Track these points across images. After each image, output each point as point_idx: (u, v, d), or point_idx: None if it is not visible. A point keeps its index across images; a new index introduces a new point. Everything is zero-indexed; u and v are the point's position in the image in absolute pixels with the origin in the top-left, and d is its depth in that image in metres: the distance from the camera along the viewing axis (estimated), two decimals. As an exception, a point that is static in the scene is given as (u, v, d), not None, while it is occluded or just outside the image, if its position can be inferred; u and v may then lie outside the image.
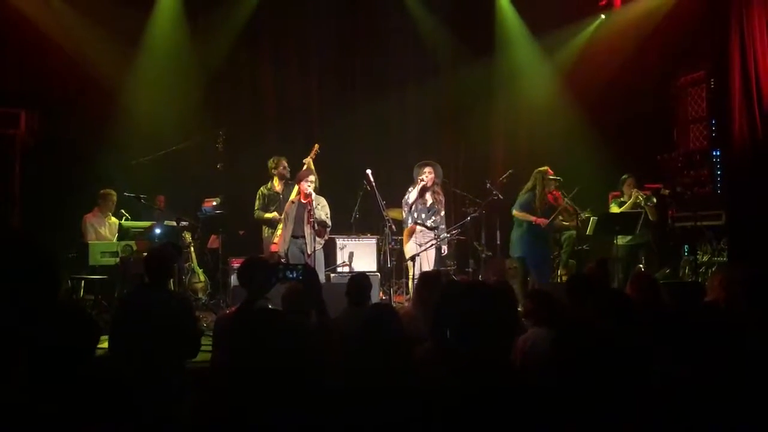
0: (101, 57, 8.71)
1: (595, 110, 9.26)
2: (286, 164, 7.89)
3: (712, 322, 2.40)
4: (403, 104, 10.49)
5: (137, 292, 4.30)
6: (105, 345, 5.55)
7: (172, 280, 5.18)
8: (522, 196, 7.70)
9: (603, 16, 9.74)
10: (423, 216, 7.50)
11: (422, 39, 10.13)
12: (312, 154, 7.75)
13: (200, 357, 4.40)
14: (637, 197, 7.90)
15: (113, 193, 7.86)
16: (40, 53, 8.43)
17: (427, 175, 7.47)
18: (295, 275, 3.03)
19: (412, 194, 7.46)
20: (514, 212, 7.68)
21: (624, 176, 8.13)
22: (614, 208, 8.08)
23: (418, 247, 7.37)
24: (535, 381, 2.16)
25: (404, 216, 7.56)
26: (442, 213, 7.66)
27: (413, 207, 7.48)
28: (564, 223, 8.40)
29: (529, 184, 7.70)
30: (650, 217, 7.81)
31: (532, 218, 7.53)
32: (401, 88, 10.46)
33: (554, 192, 7.72)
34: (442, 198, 7.69)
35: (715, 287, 3.81)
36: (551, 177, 7.59)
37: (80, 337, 2.39)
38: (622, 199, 8.12)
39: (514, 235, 7.75)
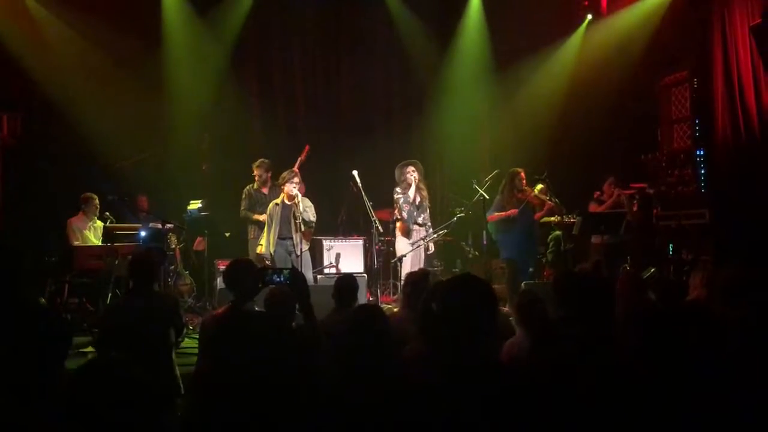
0: (84, 61, 8.66)
1: (580, 110, 9.30)
2: (267, 169, 7.86)
3: (693, 320, 2.42)
4: (389, 105, 10.51)
5: (122, 301, 4.32)
6: (88, 349, 5.59)
7: (157, 284, 5.15)
8: (495, 198, 7.77)
9: (590, 17, 9.78)
10: (413, 214, 7.56)
11: (407, 40, 10.11)
12: (303, 156, 7.74)
13: (188, 360, 4.39)
14: (619, 197, 7.97)
15: (95, 196, 7.77)
16: (22, 57, 8.35)
17: (411, 174, 7.52)
18: (281, 279, 3.02)
19: (411, 191, 7.49)
20: (488, 217, 7.68)
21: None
22: (593, 207, 8.14)
23: (410, 246, 7.41)
24: (522, 382, 2.17)
25: (404, 215, 7.49)
26: (428, 211, 7.73)
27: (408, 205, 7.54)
28: (549, 219, 8.45)
29: (501, 186, 7.78)
30: (628, 216, 7.86)
31: (503, 214, 7.56)
32: (387, 90, 10.48)
33: (523, 191, 7.74)
34: (426, 194, 7.75)
35: (697, 285, 3.84)
36: (521, 178, 7.64)
37: (51, 338, 2.38)
38: (601, 198, 8.20)
39: (501, 237, 7.76)
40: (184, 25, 9.32)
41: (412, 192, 7.48)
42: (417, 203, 7.59)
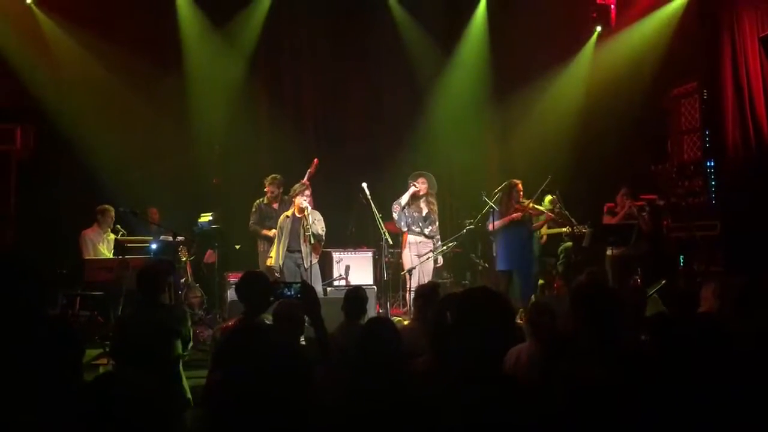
0: (96, 73, 8.74)
1: (590, 122, 9.30)
2: (279, 185, 7.89)
3: (705, 332, 2.41)
4: (398, 118, 10.52)
5: (131, 314, 4.35)
6: (101, 361, 5.62)
7: (167, 296, 5.17)
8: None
9: (599, 29, 9.78)
10: (420, 224, 7.57)
11: (416, 55, 10.14)
12: (312, 169, 7.77)
13: (199, 373, 4.40)
14: (630, 208, 7.94)
15: (111, 208, 7.79)
16: (35, 69, 8.44)
17: (419, 184, 7.55)
18: (292, 293, 3.03)
19: (403, 198, 7.52)
20: (490, 228, 7.60)
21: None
22: (607, 219, 8.12)
23: (417, 258, 7.39)
24: (535, 395, 2.16)
25: (395, 217, 7.58)
26: (437, 224, 7.72)
27: (405, 211, 7.53)
28: (560, 230, 8.40)
29: (499, 198, 7.69)
30: (643, 228, 7.82)
31: (506, 219, 7.43)
32: (396, 102, 10.50)
33: (520, 203, 7.65)
34: (436, 208, 7.74)
35: (708, 297, 3.82)
36: (519, 190, 7.53)
37: (64, 348, 2.40)
38: (615, 210, 8.18)
39: (498, 249, 7.65)
40: (200, 39, 9.39)
41: (405, 197, 7.51)
42: (424, 215, 7.61)
